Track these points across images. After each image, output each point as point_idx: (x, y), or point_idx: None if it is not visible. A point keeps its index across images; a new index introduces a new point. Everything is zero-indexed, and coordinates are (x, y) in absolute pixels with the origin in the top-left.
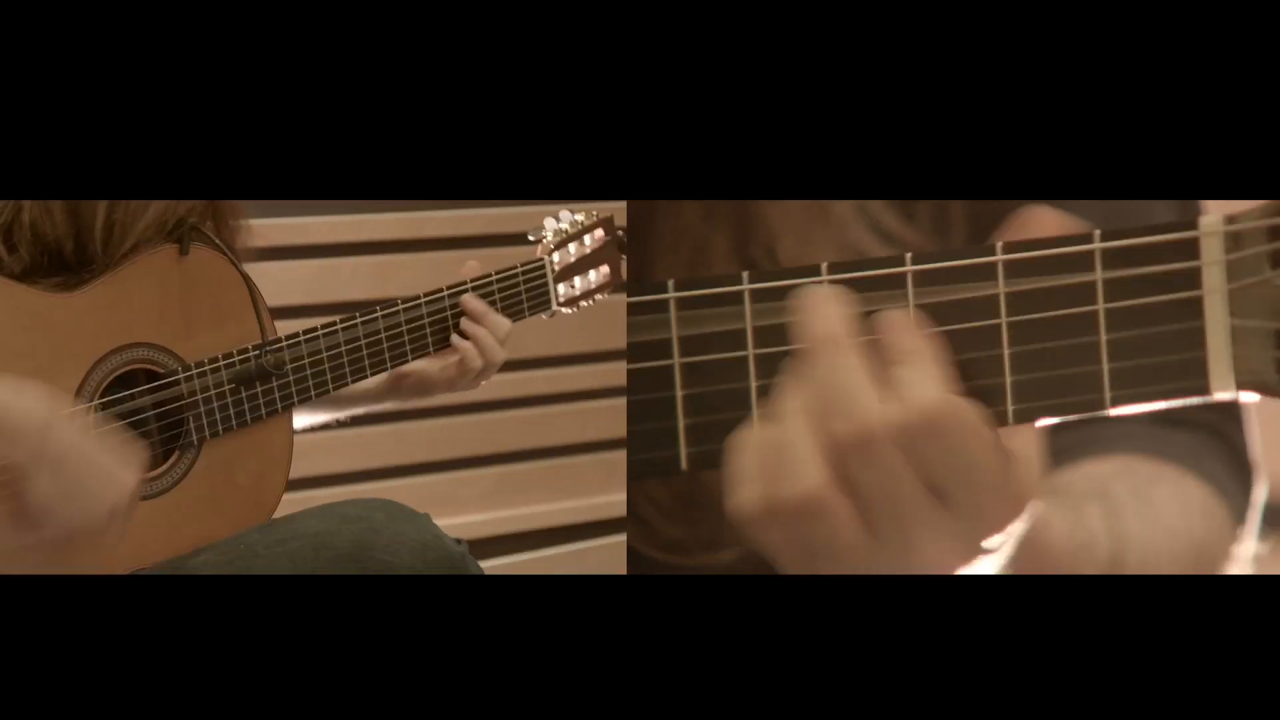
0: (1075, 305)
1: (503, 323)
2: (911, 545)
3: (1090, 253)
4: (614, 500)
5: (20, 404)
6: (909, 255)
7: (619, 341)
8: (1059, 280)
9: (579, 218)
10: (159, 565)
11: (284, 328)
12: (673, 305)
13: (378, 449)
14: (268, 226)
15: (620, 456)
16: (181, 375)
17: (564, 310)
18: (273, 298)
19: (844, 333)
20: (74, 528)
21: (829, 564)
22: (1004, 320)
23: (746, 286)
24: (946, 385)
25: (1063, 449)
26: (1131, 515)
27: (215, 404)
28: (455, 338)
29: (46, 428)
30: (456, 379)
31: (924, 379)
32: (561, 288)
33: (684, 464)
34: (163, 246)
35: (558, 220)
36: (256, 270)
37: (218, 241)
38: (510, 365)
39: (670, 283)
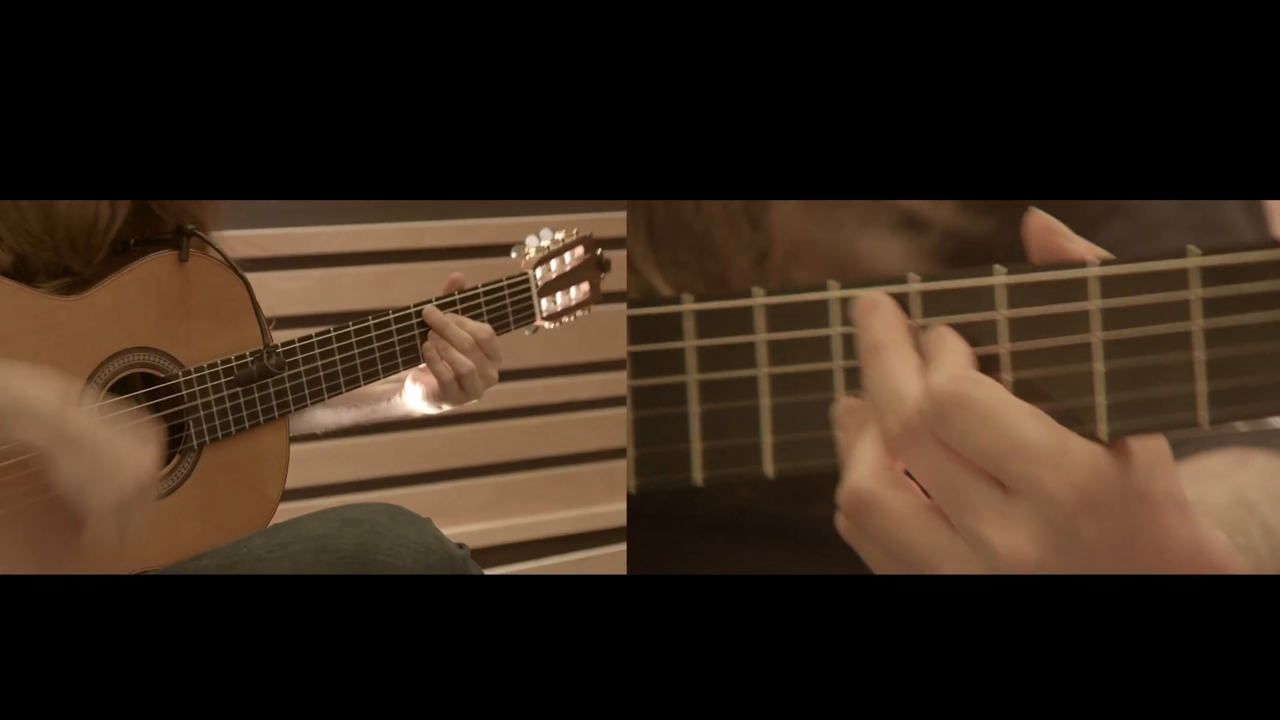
0: (1170, 322)
1: (464, 337)
2: (983, 536)
3: (1185, 269)
4: (615, 510)
5: (35, 389)
6: (1001, 268)
7: (620, 351)
8: (1154, 298)
9: (559, 235)
10: (160, 570)
11: (284, 337)
12: (759, 312)
13: (378, 458)
14: (269, 236)
15: (621, 465)
16: (181, 379)
17: (546, 325)
18: (273, 307)
19: (890, 338)
20: (104, 507)
21: (910, 564)
22: (1098, 336)
23: (833, 294)
24: (965, 369)
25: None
26: (1272, 513)
27: (215, 408)
28: (423, 350)
29: (63, 410)
30: (441, 392)
31: (940, 367)
32: (544, 302)
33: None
34: (163, 253)
35: (539, 237)
36: (257, 280)
37: (218, 248)
38: (511, 374)
39: (758, 290)
